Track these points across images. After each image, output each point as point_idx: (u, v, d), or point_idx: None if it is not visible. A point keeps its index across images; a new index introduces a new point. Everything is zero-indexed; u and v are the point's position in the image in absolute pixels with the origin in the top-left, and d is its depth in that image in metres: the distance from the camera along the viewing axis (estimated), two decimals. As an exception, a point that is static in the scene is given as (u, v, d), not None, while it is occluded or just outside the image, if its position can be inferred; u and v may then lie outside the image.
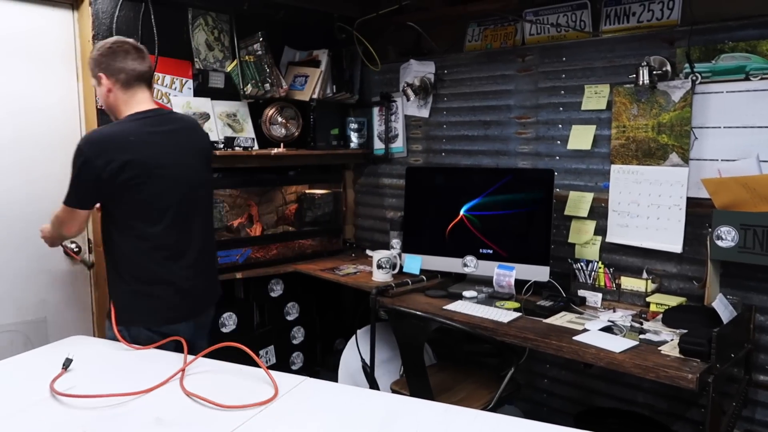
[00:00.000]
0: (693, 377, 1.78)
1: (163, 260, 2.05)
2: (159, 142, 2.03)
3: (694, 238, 2.43)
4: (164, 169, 2.01)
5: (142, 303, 2.04)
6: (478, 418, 1.44)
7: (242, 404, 1.41)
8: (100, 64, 2.04)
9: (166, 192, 2.03)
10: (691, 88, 2.36)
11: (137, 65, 2.04)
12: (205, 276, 2.20)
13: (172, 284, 2.06)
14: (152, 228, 2.02)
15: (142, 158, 1.96)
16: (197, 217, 2.15)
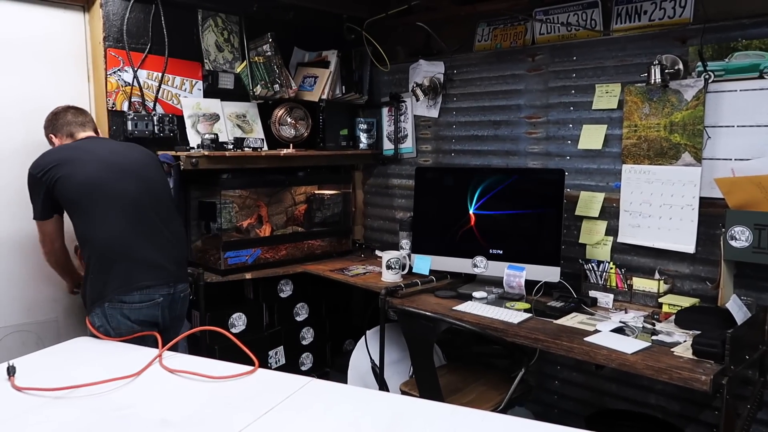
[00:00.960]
0: (707, 379, 1.75)
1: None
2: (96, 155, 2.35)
3: (707, 238, 2.40)
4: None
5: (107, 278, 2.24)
6: (487, 419, 1.42)
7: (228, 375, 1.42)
8: (47, 127, 2.45)
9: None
10: (704, 86, 2.33)
11: (78, 117, 2.45)
12: (159, 254, 2.33)
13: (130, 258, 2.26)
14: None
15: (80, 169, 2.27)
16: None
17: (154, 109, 2.86)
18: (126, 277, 2.21)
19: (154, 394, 1.52)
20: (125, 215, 2.25)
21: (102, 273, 2.20)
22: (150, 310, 2.25)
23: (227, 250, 2.92)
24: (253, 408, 1.41)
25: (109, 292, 2.18)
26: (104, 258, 2.21)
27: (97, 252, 2.22)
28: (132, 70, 2.77)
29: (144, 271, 2.24)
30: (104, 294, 2.18)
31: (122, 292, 2.19)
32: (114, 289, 2.18)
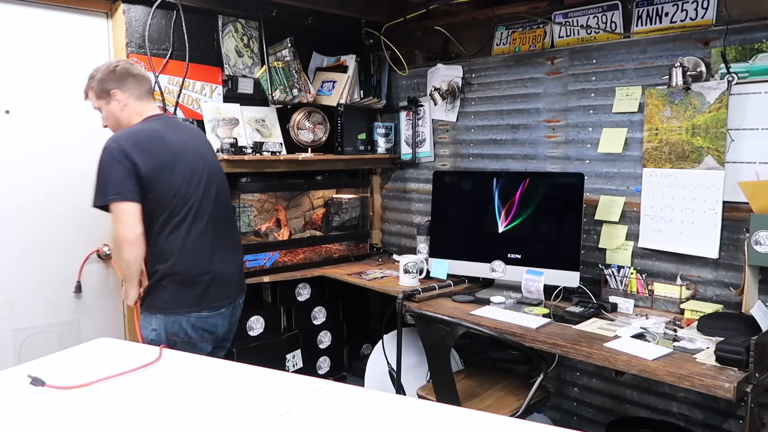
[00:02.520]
0: (730, 386, 1.71)
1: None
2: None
3: (730, 243, 2.35)
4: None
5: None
6: (505, 425, 1.41)
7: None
8: (110, 81, 2.15)
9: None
10: (727, 88, 2.30)
11: (145, 78, 2.24)
12: (230, 265, 2.28)
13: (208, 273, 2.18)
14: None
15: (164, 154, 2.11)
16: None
17: (175, 113, 2.89)
18: (202, 295, 2.15)
19: (167, 393, 1.53)
20: (207, 229, 2.16)
21: (178, 289, 2.13)
22: (213, 320, 2.20)
23: (246, 254, 2.94)
24: (270, 409, 1.41)
25: (181, 307, 2.12)
26: (186, 275, 2.13)
27: (180, 267, 2.11)
28: (153, 75, 2.81)
29: (219, 290, 2.19)
30: (173, 307, 2.12)
31: (196, 310, 2.14)
32: (188, 306, 2.13)
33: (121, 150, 2.04)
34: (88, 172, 2.74)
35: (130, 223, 2.03)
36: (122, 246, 2.04)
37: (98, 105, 2.19)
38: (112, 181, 2.03)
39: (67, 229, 2.70)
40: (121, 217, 2.03)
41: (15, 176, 2.55)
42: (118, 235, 2.04)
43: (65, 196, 2.69)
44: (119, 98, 2.15)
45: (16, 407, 1.44)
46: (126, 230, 2.03)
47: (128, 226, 2.03)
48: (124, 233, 2.03)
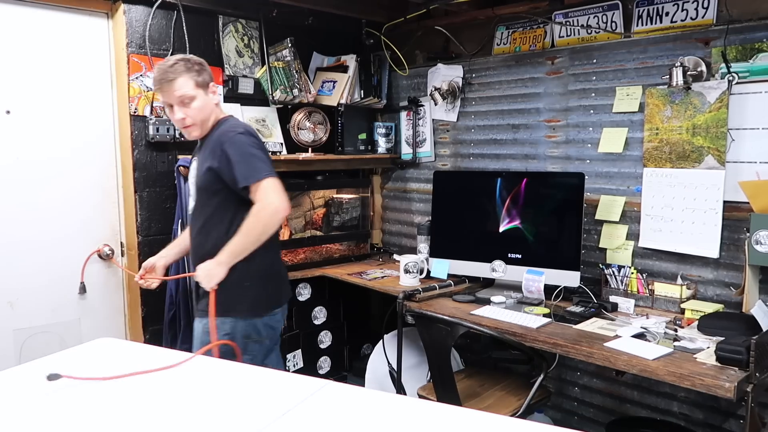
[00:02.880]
0: (731, 386, 1.72)
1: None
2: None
3: (731, 242, 2.35)
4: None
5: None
6: (505, 424, 1.41)
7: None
8: (210, 74, 2.13)
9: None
10: (728, 88, 2.30)
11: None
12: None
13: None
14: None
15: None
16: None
17: (175, 113, 2.89)
18: (278, 293, 2.18)
19: (169, 393, 1.53)
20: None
21: (261, 288, 2.10)
22: (280, 318, 2.21)
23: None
24: (270, 409, 1.42)
25: (262, 308, 2.11)
26: (270, 271, 2.13)
27: (267, 261, 2.11)
28: (154, 76, 2.81)
29: (287, 285, 2.25)
30: (255, 309, 2.09)
31: (274, 309, 2.15)
32: (268, 306, 2.12)
33: (256, 134, 2.11)
34: (87, 171, 2.76)
35: (285, 195, 2.00)
36: (279, 214, 1.99)
37: (194, 93, 2.06)
38: (263, 158, 2.02)
39: (67, 229, 2.70)
40: (278, 188, 1.98)
41: (16, 176, 2.55)
42: (278, 204, 1.96)
43: (65, 196, 2.69)
44: (217, 93, 2.16)
45: (31, 402, 1.44)
46: (285, 201, 1.99)
47: (285, 198, 2.00)
48: (285, 203, 1.98)
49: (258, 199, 1.96)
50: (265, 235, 1.99)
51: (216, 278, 2.02)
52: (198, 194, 2.13)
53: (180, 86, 2.03)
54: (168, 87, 2.04)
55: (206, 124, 2.11)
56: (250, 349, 2.09)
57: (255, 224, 1.97)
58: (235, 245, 1.99)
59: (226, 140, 2.02)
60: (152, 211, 2.86)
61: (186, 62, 2.08)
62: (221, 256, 2.01)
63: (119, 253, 2.87)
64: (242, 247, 1.99)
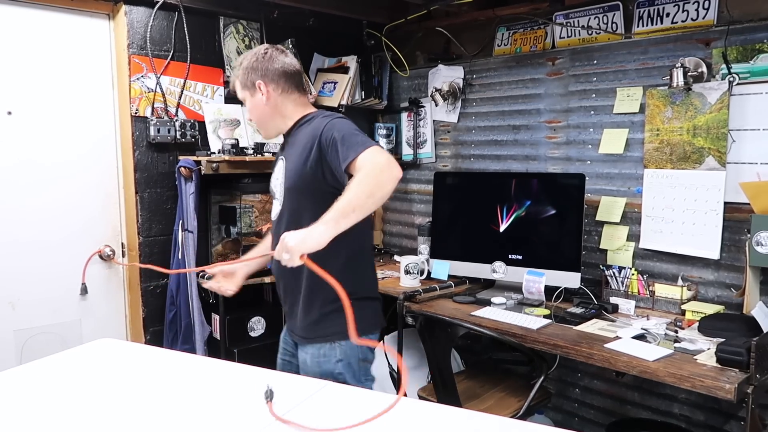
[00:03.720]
0: (731, 387, 1.71)
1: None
2: None
3: (732, 244, 2.35)
4: None
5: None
6: (505, 426, 1.41)
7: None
8: (256, 70, 1.87)
9: None
10: (728, 89, 2.29)
11: (294, 64, 1.92)
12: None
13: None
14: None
15: None
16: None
17: (176, 114, 2.90)
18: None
19: (168, 393, 1.54)
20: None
21: (375, 299, 1.95)
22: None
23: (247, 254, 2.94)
24: (270, 410, 1.42)
25: (379, 322, 1.95)
26: (375, 283, 2.00)
27: (372, 274, 1.98)
28: (155, 77, 2.81)
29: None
30: (375, 323, 1.92)
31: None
32: (379, 318, 1.96)
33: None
34: (88, 172, 2.76)
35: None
36: (394, 170, 1.62)
37: (242, 95, 1.95)
38: (365, 136, 1.73)
39: (68, 230, 2.71)
40: (385, 152, 1.68)
41: (17, 177, 2.56)
42: (388, 160, 1.62)
43: (67, 197, 2.69)
44: (265, 92, 1.92)
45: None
46: (397, 165, 1.65)
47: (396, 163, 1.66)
48: (398, 169, 1.63)
49: (361, 166, 1.61)
50: (381, 190, 1.59)
51: (312, 241, 1.52)
52: (286, 196, 1.87)
53: (236, 89, 1.95)
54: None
55: (270, 123, 1.92)
56: (368, 372, 1.91)
57: (365, 178, 1.59)
58: (345, 202, 1.56)
59: (321, 130, 1.75)
60: (153, 212, 2.86)
61: (241, 63, 1.91)
62: (325, 216, 1.56)
63: (120, 254, 2.87)
64: (354, 203, 1.56)
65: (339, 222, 1.55)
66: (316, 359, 1.83)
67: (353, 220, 1.56)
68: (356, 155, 1.62)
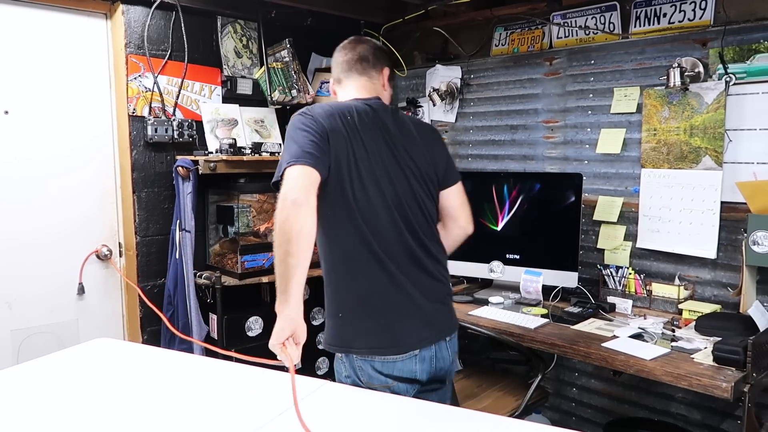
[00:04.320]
0: (727, 386, 1.72)
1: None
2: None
3: (728, 243, 2.36)
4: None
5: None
6: (502, 424, 1.41)
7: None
8: (337, 64, 1.84)
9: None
10: (725, 89, 2.30)
11: (345, 55, 1.83)
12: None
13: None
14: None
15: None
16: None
17: (173, 114, 2.90)
18: (401, 330, 1.72)
19: (166, 393, 1.53)
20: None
21: (354, 317, 1.77)
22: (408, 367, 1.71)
23: (244, 254, 2.94)
24: (267, 409, 1.42)
25: (357, 344, 1.75)
26: (365, 300, 1.75)
27: (356, 287, 1.76)
28: (152, 76, 2.81)
29: (414, 322, 1.75)
30: (349, 342, 1.76)
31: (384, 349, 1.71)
32: (370, 343, 1.73)
33: (314, 110, 1.73)
34: (86, 171, 2.76)
35: (301, 180, 1.57)
36: (284, 204, 1.53)
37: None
38: (296, 142, 1.61)
39: (66, 230, 2.70)
40: (292, 176, 1.57)
41: (14, 176, 2.55)
42: (283, 193, 1.53)
43: (64, 196, 2.69)
44: (332, 90, 1.92)
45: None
46: (295, 187, 1.55)
47: (299, 183, 1.56)
48: (292, 191, 1.53)
49: None
50: (284, 242, 1.50)
51: (274, 332, 1.55)
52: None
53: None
54: None
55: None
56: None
57: (274, 235, 1.54)
58: (275, 275, 1.58)
59: None
60: (150, 212, 2.86)
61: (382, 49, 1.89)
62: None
63: (117, 253, 2.87)
64: (276, 275, 1.58)
65: (279, 300, 1.57)
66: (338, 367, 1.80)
67: (291, 284, 1.55)
68: (276, 180, 1.58)
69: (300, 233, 1.48)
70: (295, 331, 1.55)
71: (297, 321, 1.55)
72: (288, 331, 1.54)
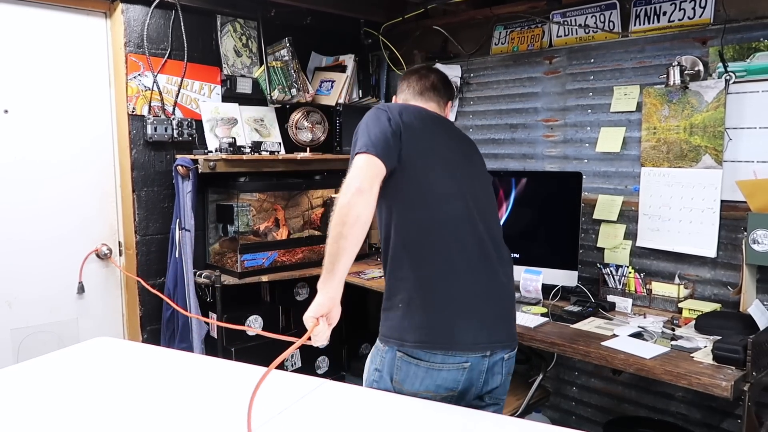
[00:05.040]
0: (727, 385, 1.71)
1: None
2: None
3: (728, 242, 2.35)
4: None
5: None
6: (501, 423, 1.41)
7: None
8: (403, 85, 1.94)
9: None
10: (725, 87, 2.30)
11: (419, 81, 1.93)
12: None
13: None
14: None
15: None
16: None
17: (173, 113, 2.90)
18: (461, 329, 1.67)
19: (165, 391, 1.53)
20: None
21: (411, 311, 1.70)
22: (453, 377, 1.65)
23: (244, 253, 2.94)
24: (267, 408, 1.42)
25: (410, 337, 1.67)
26: (426, 297, 1.70)
27: (421, 281, 1.71)
28: (152, 75, 2.81)
29: (482, 324, 1.70)
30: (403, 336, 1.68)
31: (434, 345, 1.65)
32: (421, 337, 1.67)
33: (386, 108, 1.81)
34: (85, 171, 2.76)
35: (368, 169, 1.63)
36: (348, 191, 1.56)
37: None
38: (367, 133, 1.70)
39: (65, 229, 2.71)
40: (360, 164, 1.65)
41: (13, 175, 2.55)
42: (348, 181, 1.58)
43: (64, 195, 2.69)
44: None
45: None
46: (360, 175, 1.60)
47: (365, 172, 1.62)
48: (357, 179, 1.58)
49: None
50: (339, 224, 1.50)
51: (312, 309, 1.57)
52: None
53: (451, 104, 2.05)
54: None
55: None
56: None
57: (331, 224, 1.53)
58: (325, 257, 1.57)
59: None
60: (150, 211, 2.86)
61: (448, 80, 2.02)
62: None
63: (117, 252, 2.87)
64: (330, 253, 1.54)
65: (324, 279, 1.57)
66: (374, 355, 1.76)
67: (338, 265, 1.53)
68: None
69: (357, 219, 1.49)
70: (331, 311, 1.57)
71: (335, 301, 1.56)
72: (326, 308, 1.56)
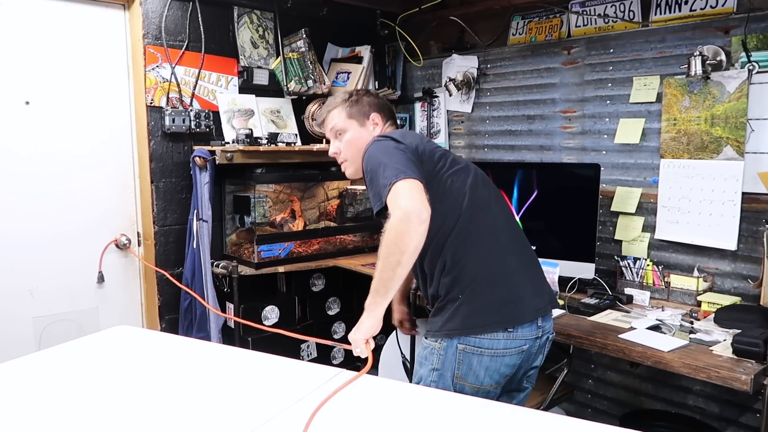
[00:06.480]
0: (747, 378, 1.70)
1: None
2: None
3: (749, 235, 2.32)
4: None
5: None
6: (517, 413, 1.41)
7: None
8: (374, 104, 1.89)
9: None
10: (748, 77, 2.26)
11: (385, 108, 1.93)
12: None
13: None
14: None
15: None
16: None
17: (190, 104, 2.92)
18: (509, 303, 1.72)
19: (184, 380, 1.55)
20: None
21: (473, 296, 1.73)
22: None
23: (261, 244, 2.96)
24: (283, 397, 1.43)
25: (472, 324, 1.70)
26: (489, 277, 1.75)
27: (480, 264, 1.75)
28: (170, 67, 2.83)
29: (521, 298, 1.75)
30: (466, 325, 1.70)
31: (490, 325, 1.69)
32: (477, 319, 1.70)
33: (397, 135, 1.81)
34: (105, 162, 2.79)
35: (419, 195, 1.60)
36: (408, 218, 1.54)
37: (345, 125, 1.89)
38: (393, 161, 1.64)
39: (86, 219, 2.74)
40: (406, 190, 1.60)
41: (35, 166, 2.59)
42: (404, 207, 1.54)
43: (83, 186, 2.72)
44: (379, 124, 1.90)
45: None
46: (417, 200, 1.57)
47: (419, 197, 1.58)
48: (415, 203, 1.54)
49: (385, 227, 1.54)
50: (404, 255, 1.51)
51: (361, 331, 1.65)
52: None
53: (332, 118, 1.89)
54: (325, 120, 1.92)
55: (359, 160, 1.77)
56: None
57: (385, 249, 1.53)
58: (376, 280, 1.59)
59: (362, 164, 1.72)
60: (168, 202, 2.89)
61: (346, 93, 1.92)
62: (367, 301, 1.64)
63: (136, 243, 2.90)
64: (383, 278, 1.56)
65: (377, 302, 1.61)
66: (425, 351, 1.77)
67: (392, 290, 1.58)
68: (384, 199, 1.57)
69: (416, 249, 1.52)
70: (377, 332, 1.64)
71: (381, 321, 1.64)
72: (375, 330, 1.64)
